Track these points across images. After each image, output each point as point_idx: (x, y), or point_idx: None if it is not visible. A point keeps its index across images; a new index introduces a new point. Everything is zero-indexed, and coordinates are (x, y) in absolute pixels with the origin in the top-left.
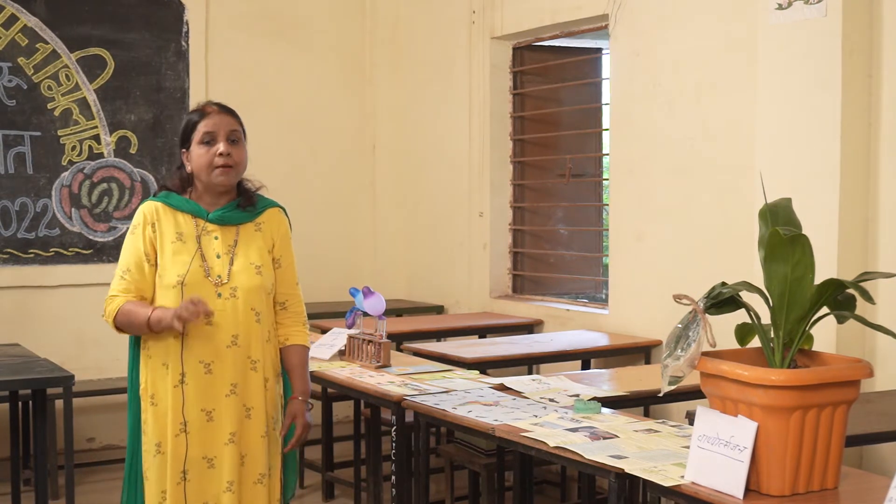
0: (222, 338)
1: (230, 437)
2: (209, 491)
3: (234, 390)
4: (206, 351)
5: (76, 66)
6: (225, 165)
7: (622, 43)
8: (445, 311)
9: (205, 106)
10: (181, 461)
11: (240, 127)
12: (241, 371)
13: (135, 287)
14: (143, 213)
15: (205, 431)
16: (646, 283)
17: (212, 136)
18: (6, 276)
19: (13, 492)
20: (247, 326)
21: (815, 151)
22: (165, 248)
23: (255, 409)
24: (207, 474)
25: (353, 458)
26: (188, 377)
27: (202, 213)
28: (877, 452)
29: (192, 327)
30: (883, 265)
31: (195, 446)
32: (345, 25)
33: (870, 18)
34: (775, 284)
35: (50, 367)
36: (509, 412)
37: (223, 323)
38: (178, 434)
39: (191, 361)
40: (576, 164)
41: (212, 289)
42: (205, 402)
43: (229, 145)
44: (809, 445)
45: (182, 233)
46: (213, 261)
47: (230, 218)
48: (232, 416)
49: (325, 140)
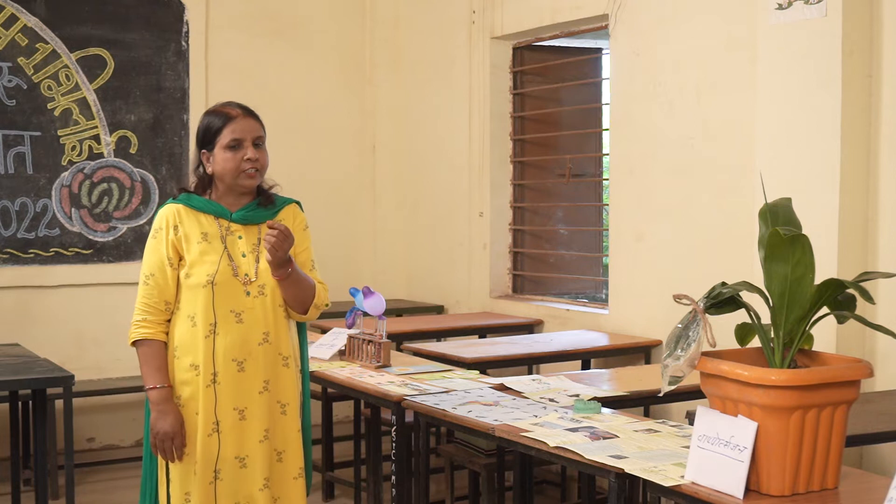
0: (254, 335)
1: (264, 435)
2: (241, 490)
3: (267, 387)
4: (239, 349)
5: (76, 66)
6: (252, 168)
7: (622, 43)
8: (445, 311)
9: (228, 109)
10: (213, 461)
11: (263, 130)
12: (272, 368)
13: (158, 291)
14: (164, 217)
15: (237, 430)
16: (646, 283)
17: (239, 141)
18: (6, 276)
19: (13, 492)
20: (276, 323)
21: (815, 151)
22: (192, 248)
23: (289, 405)
24: (240, 474)
25: (353, 458)
26: (220, 376)
27: (226, 213)
28: (877, 452)
29: (222, 326)
30: (883, 265)
31: (228, 446)
32: (345, 25)
33: (870, 18)
34: (775, 284)
35: (50, 367)
36: (509, 412)
37: (253, 320)
38: (211, 434)
39: (223, 360)
40: (576, 164)
41: (240, 287)
42: (237, 401)
43: (255, 150)
44: (809, 445)
45: (207, 233)
46: (239, 260)
47: (253, 217)
48: (265, 414)
49: (325, 140)
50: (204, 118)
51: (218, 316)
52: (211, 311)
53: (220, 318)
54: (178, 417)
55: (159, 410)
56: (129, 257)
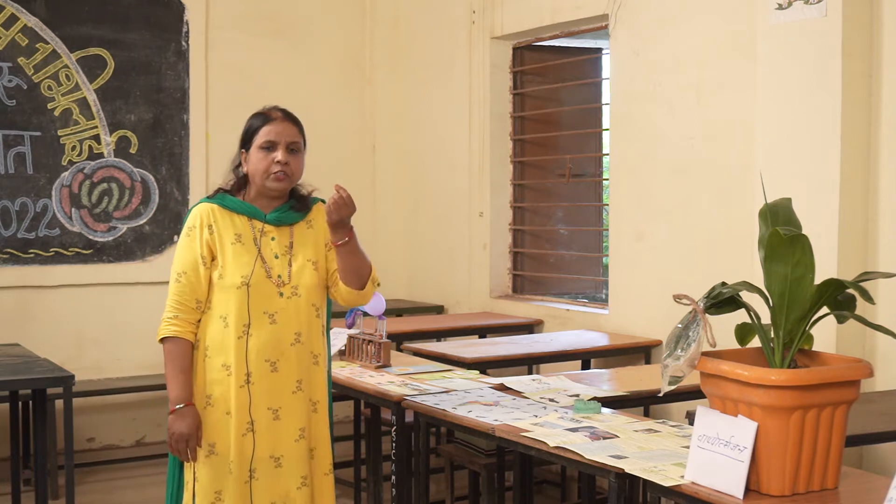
0: (286, 336)
1: (300, 434)
2: (277, 489)
3: (300, 387)
4: (272, 350)
5: (76, 66)
6: (281, 171)
7: (622, 43)
8: (445, 311)
9: (270, 111)
10: (248, 460)
11: (301, 137)
12: (305, 367)
13: (190, 289)
14: (199, 215)
15: (271, 430)
16: (646, 283)
17: (272, 143)
18: (6, 276)
19: (13, 492)
20: (308, 323)
21: (815, 151)
22: (226, 249)
23: (320, 402)
24: (275, 473)
25: (353, 458)
26: (254, 376)
27: (259, 214)
28: (877, 452)
29: (255, 327)
30: (883, 265)
31: (262, 445)
32: (345, 25)
33: (870, 18)
34: (775, 284)
35: (50, 367)
36: (509, 412)
37: (286, 321)
38: (246, 433)
39: (256, 361)
40: (576, 164)
41: (273, 289)
42: (271, 401)
43: (288, 154)
44: (809, 445)
45: (240, 234)
46: (272, 261)
47: (286, 218)
48: (300, 413)
49: (325, 140)
50: (248, 120)
51: (251, 317)
52: (244, 313)
53: (253, 319)
54: (195, 419)
55: (178, 411)
56: (129, 257)
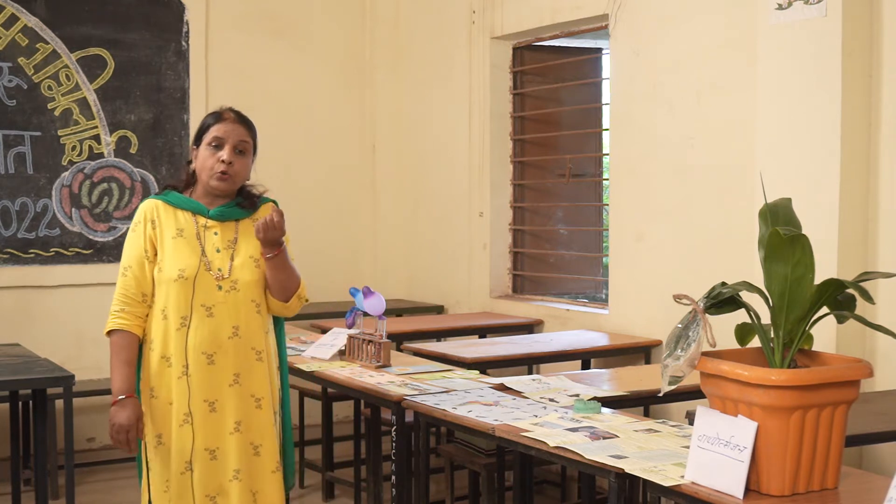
0: (224, 329)
1: (235, 427)
2: (213, 482)
3: (238, 380)
4: (209, 343)
5: (76, 66)
6: (224, 172)
7: (622, 43)
8: (445, 311)
9: (224, 111)
10: (187, 452)
11: (251, 139)
12: (243, 361)
13: (135, 283)
14: (143, 211)
15: (208, 422)
16: (646, 283)
17: (220, 141)
18: (6, 276)
19: (13, 492)
20: (247, 318)
21: (815, 151)
22: (166, 243)
23: (264, 399)
24: (211, 466)
25: (353, 458)
26: (191, 368)
27: (202, 210)
28: (877, 452)
29: (193, 320)
30: (883, 265)
31: (200, 437)
32: (345, 25)
33: (870, 18)
34: (775, 284)
35: (50, 367)
36: (509, 412)
37: (224, 315)
38: (183, 425)
39: (194, 353)
40: (576, 164)
41: (213, 282)
42: (208, 394)
43: (234, 154)
44: (809, 445)
45: (182, 229)
46: (213, 255)
47: (229, 214)
48: (236, 406)
49: (325, 140)
50: (204, 118)
51: (189, 309)
52: (182, 305)
53: (191, 311)
54: (136, 411)
55: (119, 403)
56: None
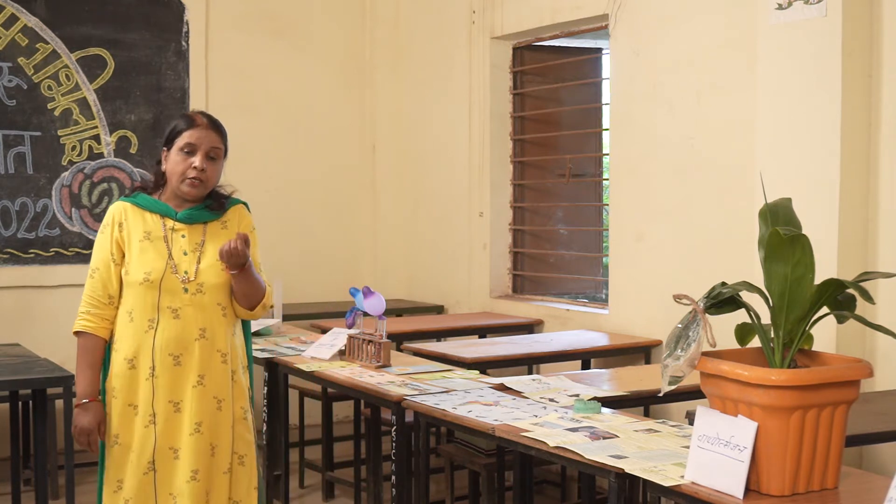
0: (190, 331)
1: (195, 428)
2: (174, 481)
3: (202, 381)
4: (175, 344)
5: (76, 66)
6: (196, 178)
7: (622, 43)
8: (445, 311)
9: (196, 115)
10: (149, 452)
11: (223, 145)
12: (208, 363)
13: (101, 285)
14: (111, 214)
15: (171, 422)
16: (646, 283)
17: (193, 147)
18: (6, 276)
19: (13, 492)
20: (213, 320)
21: (815, 151)
22: (133, 246)
23: (224, 400)
24: (172, 465)
25: (353, 458)
26: (158, 370)
27: (171, 212)
28: (877, 452)
29: (159, 322)
30: (883, 265)
31: (163, 437)
32: (345, 25)
33: (870, 18)
34: (775, 284)
35: (50, 367)
36: (509, 412)
37: (190, 317)
38: (148, 426)
39: (160, 354)
40: (576, 164)
41: (178, 285)
42: (172, 394)
43: (206, 161)
44: (809, 445)
45: (150, 232)
46: (180, 258)
47: (198, 217)
48: (199, 407)
49: (325, 140)
50: (174, 120)
51: (156, 312)
52: (148, 308)
53: (158, 313)
54: (98, 415)
55: (82, 406)
56: None
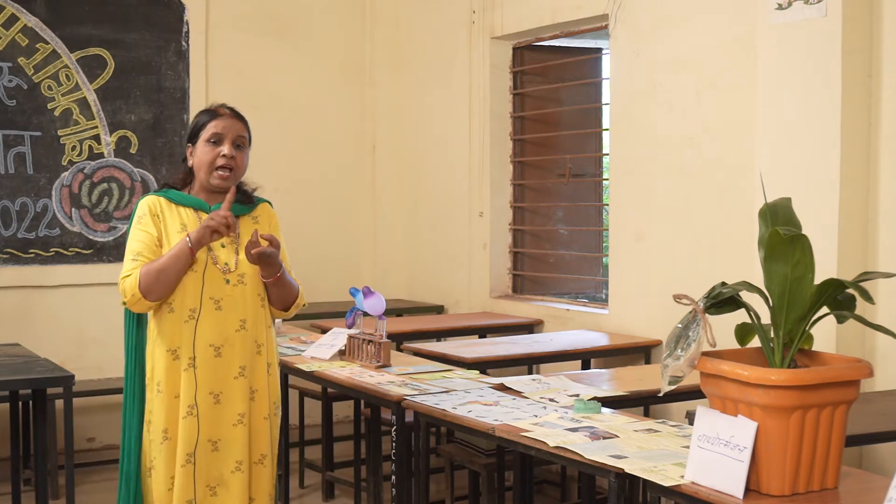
0: (231, 322)
1: (239, 419)
2: (213, 473)
3: (243, 373)
4: (216, 335)
5: (76, 66)
6: (226, 167)
7: (622, 43)
8: (445, 311)
9: (218, 108)
10: (191, 444)
11: (247, 134)
12: (248, 354)
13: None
14: (147, 205)
15: (212, 414)
16: (646, 283)
17: (219, 137)
18: (6, 276)
19: (13, 492)
20: (254, 311)
21: (816, 151)
22: (172, 239)
23: (259, 391)
24: (213, 456)
25: (353, 458)
26: (198, 360)
27: (204, 206)
28: (877, 452)
29: (201, 312)
30: (883, 265)
31: (203, 429)
32: (345, 25)
33: (870, 18)
34: (775, 284)
35: (50, 367)
36: (509, 412)
37: (232, 308)
38: (186, 416)
39: (201, 345)
40: (576, 164)
41: (220, 276)
42: (213, 385)
43: (234, 149)
44: (809, 445)
45: (186, 224)
46: (218, 250)
47: (231, 210)
48: (240, 399)
49: (325, 140)
50: (196, 116)
51: (199, 302)
52: (189, 297)
53: (200, 304)
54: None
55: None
56: None
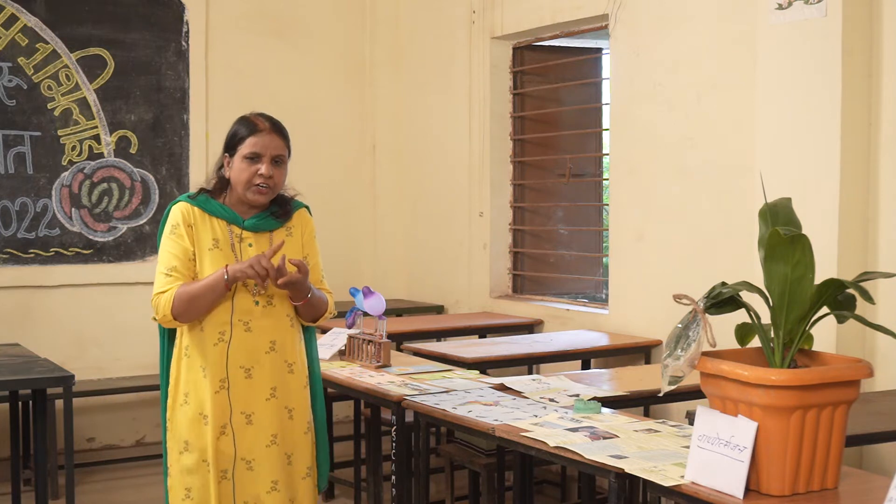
0: (261, 344)
1: (272, 440)
2: (248, 491)
3: (274, 393)
4: (246, 357)
5: (76, 66)
6: (263, 185)
7: (622, 43)
8: (445, 311)
9: (258, 120)
10: (229, 461)
11: (286, 149)
12: (279, 375)
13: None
14: (180, 213)
15: (244, 434)
16: (646, 283)
17: (257, 156)
18: (6, 276)
19: (13, 492)
20: (283, 332)
21: (816, 151)
22: (204, 255)
23: (296, 409)
24: (247, 476)
25: (354, 458)
26: (229, 382)
27: (238, 220)
28: (877, 452)
29: (234, 334)
30: (883, 265)
31: (238, 448)
32: (345, 25)
33: (870, 18)
34: (775, 284)
35: (50, 367)
36: (509, 412)
37: (261, 330)
38: (220, 437)
39: (231, 367)
40: (576, 164)
41: (249, 297)
42: (245, 407)
43: (272, 167)
44: (809, 445)
45: (218, 239)
46: None
47: (264, 225)
48: (273, 419)
49: (325, 140)
50: (234, 124)
51: (229, 325)
52: (221, 320)
53: (231, 327)
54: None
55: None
56: (129, 257)
